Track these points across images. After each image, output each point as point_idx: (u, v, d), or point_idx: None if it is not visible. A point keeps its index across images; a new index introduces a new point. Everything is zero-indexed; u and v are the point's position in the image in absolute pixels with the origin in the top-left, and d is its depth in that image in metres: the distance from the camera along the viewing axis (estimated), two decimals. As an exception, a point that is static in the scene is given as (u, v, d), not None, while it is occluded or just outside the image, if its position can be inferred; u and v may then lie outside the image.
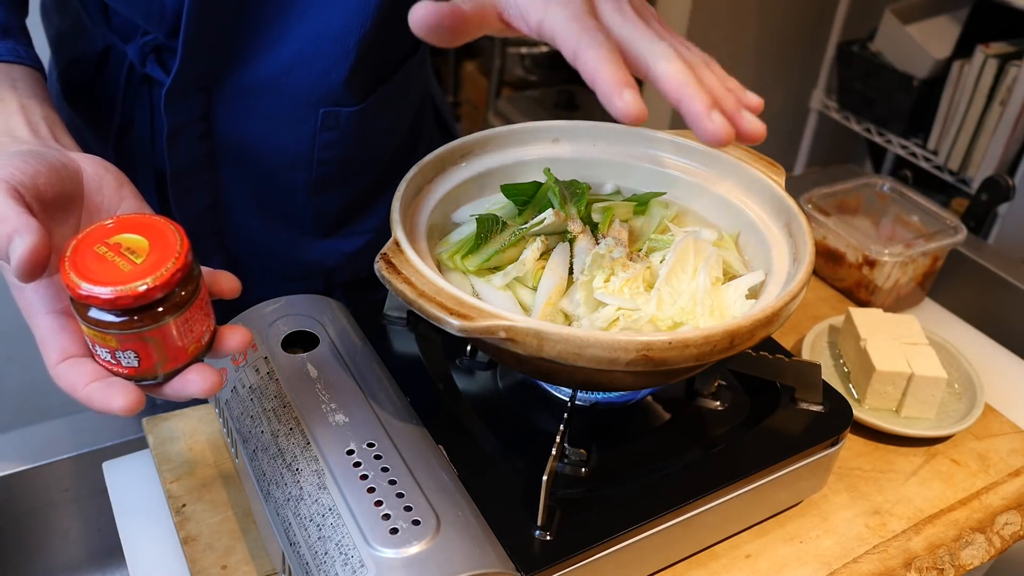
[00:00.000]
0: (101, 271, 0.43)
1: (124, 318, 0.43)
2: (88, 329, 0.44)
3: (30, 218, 0.44)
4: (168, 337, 0.45)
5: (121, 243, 0.44)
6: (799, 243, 0.59)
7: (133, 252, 0.44)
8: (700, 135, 0.44)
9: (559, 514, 0.54)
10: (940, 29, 1.94)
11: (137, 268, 0.43)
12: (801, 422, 0.64)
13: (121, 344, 0.44)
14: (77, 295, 0.42)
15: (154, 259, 0.43)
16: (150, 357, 0.45)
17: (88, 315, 0.43)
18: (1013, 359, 0.89)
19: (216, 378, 0.46)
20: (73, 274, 0.42)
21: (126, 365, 0.45)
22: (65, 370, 0.45)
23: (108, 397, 0.44)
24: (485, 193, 0.66)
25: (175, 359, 0.46)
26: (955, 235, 0.92)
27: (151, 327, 0.44)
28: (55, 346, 0.46)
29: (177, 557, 0.62)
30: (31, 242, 0.43)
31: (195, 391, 0.46)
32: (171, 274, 0.43)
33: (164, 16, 0.68)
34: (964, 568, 0.65)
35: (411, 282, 0.51)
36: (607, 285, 0.57)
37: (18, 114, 0.54)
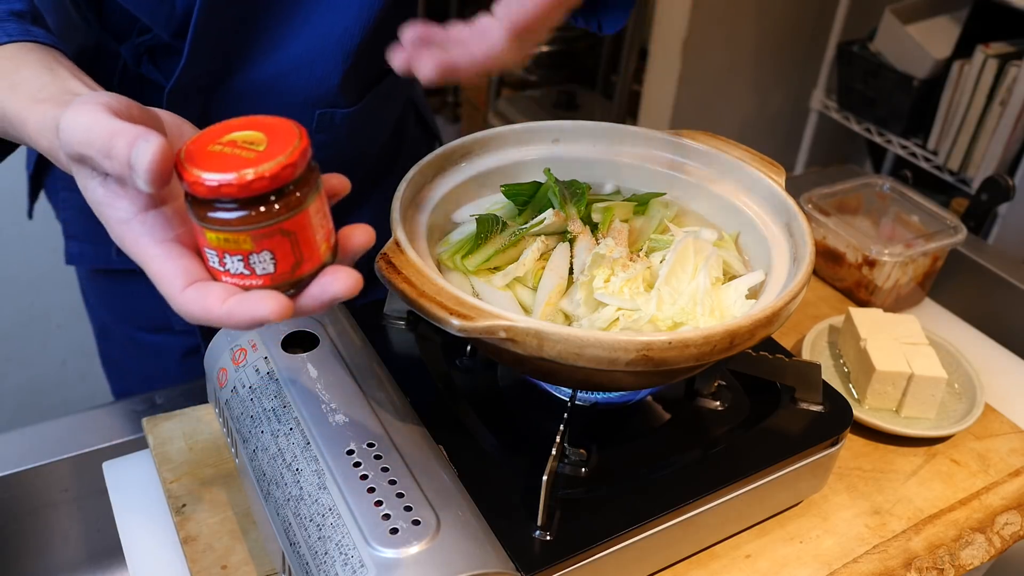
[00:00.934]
0: (225, 163, 0.39)
1: (256, 209, 0.39)
2: (216, 234, 0.40)
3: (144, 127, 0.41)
4: (305, 229, 0.41)
5: (236, 139, 0.41)
6: (799, 243, 0.59)
7: (252, 143, 0.40)
8: None
9: (559, 514, 0.54)
10: (940, 29, 1.94)
11: (261, 154, 0.39)
12: (801, 422, 0.64)
13: (256, 244, 0.40)
14: (202, 189, 0.38)
15: (275, 147, 0.40)
16: (286, 258, 0.41)
17: (215, 216, 0.39)
18: (1013, 359, 0.89)
19: (356, 276, 0.43)
20: (195, 169, 0.39)
21: (261, 272, 0.41)
22: (194, 295, 0.42)
23: (253, 306, 0.40)
24: (485, 193, 0.66)
25: (310, 259, 0.42)
26: (955, 235, 0.92)
27: (288, 216, 0.40)
28: (177, 272, 0.42)
29: (177, 557, 0.62)
30: (157, 143, 0.40)
31: (337, 290, 0.42)
32: (299, 154, 0.39)
33: (173, 16, 0.68)
34: (964, 568, 0.65)
35: (411, 282, 0.51)
36: (607, 285, 0.57)
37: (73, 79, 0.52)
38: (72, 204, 0.85)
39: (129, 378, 0.98)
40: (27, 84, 0.49)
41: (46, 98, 0.48)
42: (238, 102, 0.73)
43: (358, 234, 0.45)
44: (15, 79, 0.50)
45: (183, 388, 0.78)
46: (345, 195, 0.47)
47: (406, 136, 0.91)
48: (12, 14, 0.55)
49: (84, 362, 1.77)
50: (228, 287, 0.42)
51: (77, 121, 0.42)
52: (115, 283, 0.89)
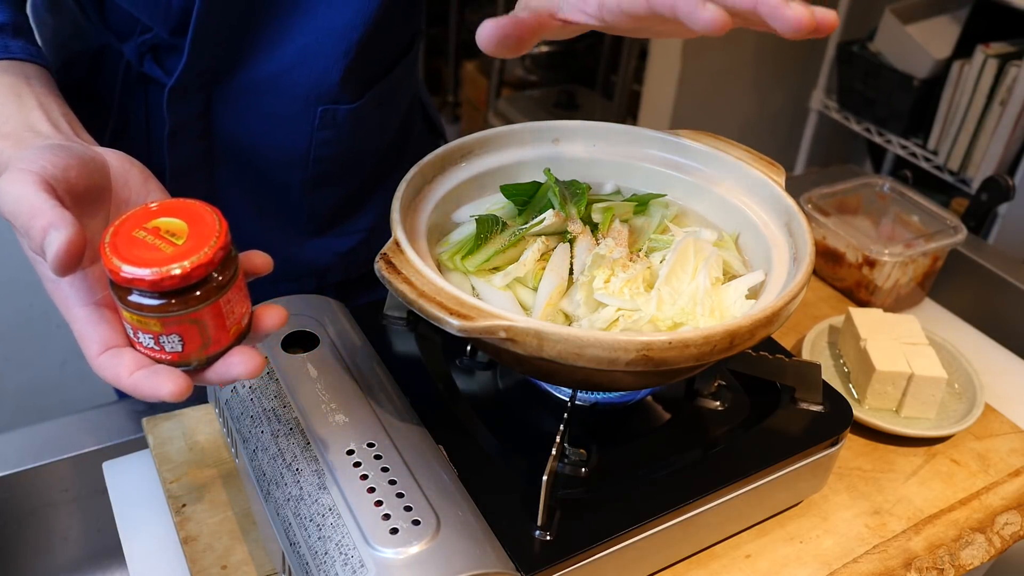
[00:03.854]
0: (142, 254, 0.42)
1: (168, 300, 0.42)
2: (130, 315, 0.43)
3: (64, 211, 0.43)
4: (212, 319, 0.44)
5: (160, 227, 0.43)
6: (799, 243, 0.59)
7: (173, 235, 0.43)
8: (781, 25, 0.43)
9: (559, 514, 0.54)
10: (940, 29, 1.94)
11: (179, 249, 0.42)
12: (801, 422, 0.64)
13: (165, 328, 0.43)
14: (120, 279, 0.41)
15: (195, 240, 0.42)
16: (194, 340, 0.44)
17: (130, 300, 0.42)
18: (1013, 359, 0.89)
19: (259, 359, 0.45)
20: (115, 258, 0.41)
21: (170, 350, 0.44)
22: (107, 360, 0.45)
23: (155, 384, 0.43)
24: (485, 193, 0.66)
25: (218, 342, 0.45)
26: (955, 235, 0.92)
27: (195, 308, 0.43)
28: (95, 337, 0.45)
29: (177, 557, 0.62)
30: (66, 235, 0.42)
31: (239, 373, 0.45)
32: (213, 253, 0.42)
33: (170, 13, 0.68)
34: (964, 568, 0.65)
35: (411, 282, 0.51)
36: (607, 285, 0.57)
37: (38, 110, 0.53)
38: None
39: None
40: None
41: (6, 133, 0.50)
42: (240, 98, 0.73)
43: (270, 316, 0.48)
44: None
45: (183, 388, 0.78)
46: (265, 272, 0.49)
47: (412, 134, 0.91)
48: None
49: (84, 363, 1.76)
50: (140, 357, 0.45)
51: (8, 191, 0.44)
52: None
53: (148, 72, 0.73)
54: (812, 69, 2.29)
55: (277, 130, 0.76)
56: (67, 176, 0.46)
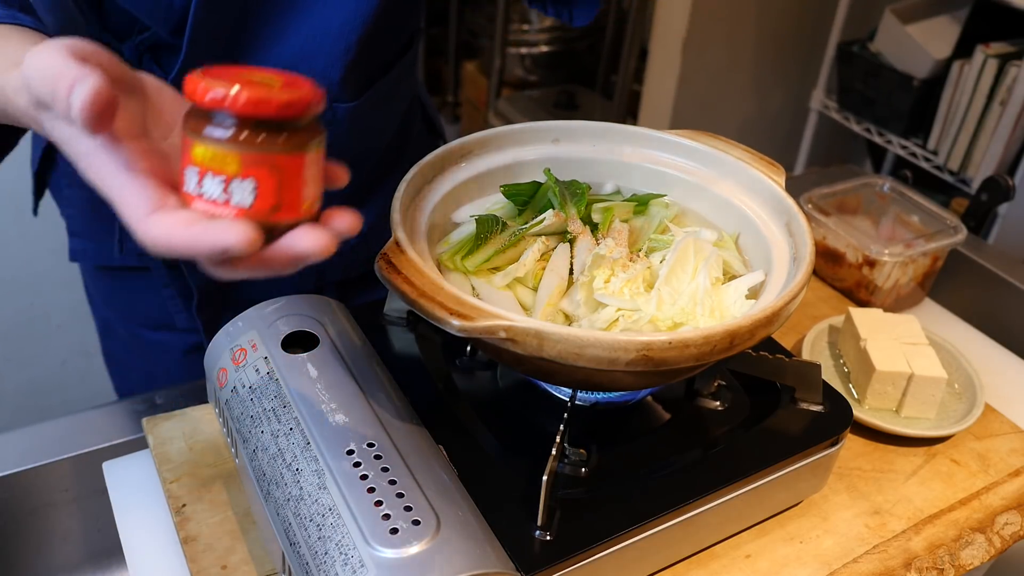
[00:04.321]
0: (237, 83, 0.38)
1: (258, 133, 0.38)
2: (205, 149, 0.39)
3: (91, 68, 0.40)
4: (295, 173, 0.39)
5: (252, 77, 0.39)
6: (799, 243, 0.59)
7: (268, 83, 0.39)
8: None
9: (559, 514, 0.54)
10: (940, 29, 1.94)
11: (275, 89, 0.38)
12: (801, 422, 0.64)
13: (243, 168, 0.38)
14: (209, 98, 0.37)
15: (289, 88, 0.39)
16: (267, 195, 0.39)
17: (211, 132, 0.38)
18: (1013, 359, 0.89)
19: (328, 240, 0.40)
20: (207, 79, 0.38)
21: (237, 202, 0.39)
22: (159, 219, 0.39)
23: (220, 233, 0.38)
24: (485, 193, 0.66)
25: (289, 208, 0.40)
26: (955, 235, 0.92)
27: (282, 151, 0.39)
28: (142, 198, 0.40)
29: (177, 557, 0.62)
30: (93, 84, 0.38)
31: (306, 248, 0.40)
32: (313, 97, 0.39)
33: (170, 13, 0.68)
34: (964, 568, 0.65)
35: (411, 282, 0.51)
36: (607, 286, 0.57)
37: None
38: (76, 201, 0.85)
39: (131, 375, 0.98)
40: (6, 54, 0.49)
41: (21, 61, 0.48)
42: None
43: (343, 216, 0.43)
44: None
45: (183, 388, 0.78)
46: (341, 186, 0.46)
47: (411, 134, 0.91)
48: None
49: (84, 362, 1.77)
50: (194, 215, 0.39)
51: (34, 63, 0.42)
52: (117, 280, 0.89)
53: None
54: (812, 69, 2.29)
55: None
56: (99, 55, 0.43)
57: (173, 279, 0.85)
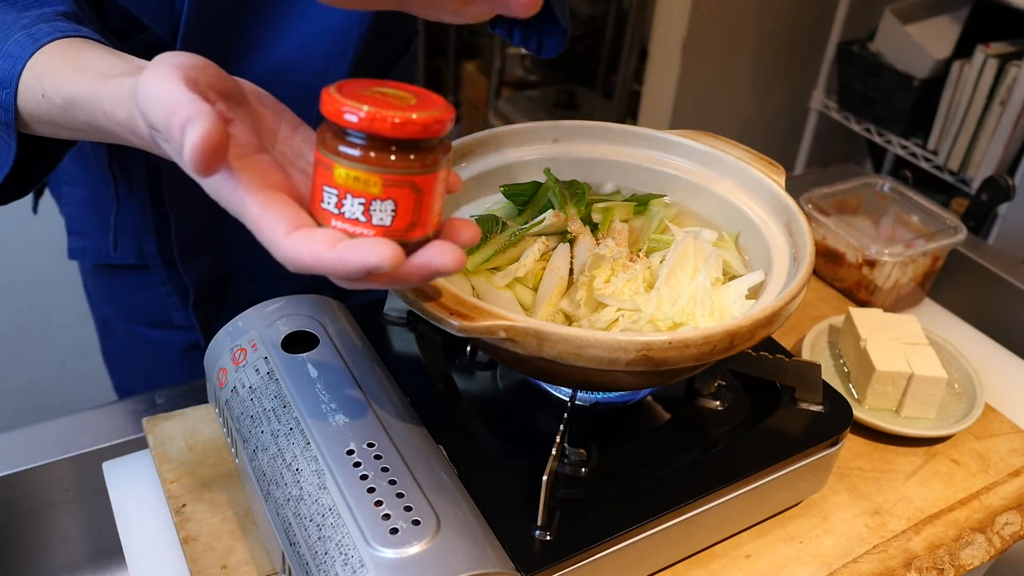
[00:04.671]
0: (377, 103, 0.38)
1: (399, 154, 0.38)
2: (348, 171, 0.39)
3: (204, 104, 0.39)
4: (431, 191, 0.40)
5: (386, 93, 0.40)
6: (799, 243, 0.59)
7: (402, 98, 0.39)
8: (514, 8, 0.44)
9: (559, 514, 0.54)
10: (940, 29, 1.94)
11: (412, 107, 0.38)
12: (801, 422, 0.64)
13: (384, 190, 0.39)
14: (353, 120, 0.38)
15: (425, 105, 0.39)
16: (406, 214, 0.40)
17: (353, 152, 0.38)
18: (1013, 359, 0.89)
19: (460, 252, 0.41)
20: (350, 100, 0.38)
21: (376, 222, 0.39)
22: (301, 238, 0.39)
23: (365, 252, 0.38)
24: (485, 193, 0.66)
25: (424, 224, 0.41)
26: (955, 235, 0.92)
27: (422, 172, 0.39)
28: (279, 218, 0.40)
29: (177, 557, 0.62)
30: (203, 129, 0.38)
31: (441, 264, 0.41)
32: (448, 116, 0.39)
33: (173, 17, 0.68)
34: (964, 568, 0.65)
35: (411, 282, 0.51)
36: (607, 286, 0.57)
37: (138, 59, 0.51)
38: (75, 199, 0.85)
39: (130, 372, 0.98)
40: (94, 65, 0.49)
41: (118, 74, 0.47)
42: None
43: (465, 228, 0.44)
44: (81, 63, 0.49)
45: (183, 388, 0.78)
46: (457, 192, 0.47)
47: None
48: (59, 14, 0.55)
49: (84, 362, 1.77)
50: (336, 233, 0.40)
51: (148, 87, 0.41)
52: (116, 278, 0.89)
53: None
54: (812, 69, 2.29)
55: None
56: (208, 72, 0.43)
57: (170, 277, 0.85)
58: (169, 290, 0.86)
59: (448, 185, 0.45)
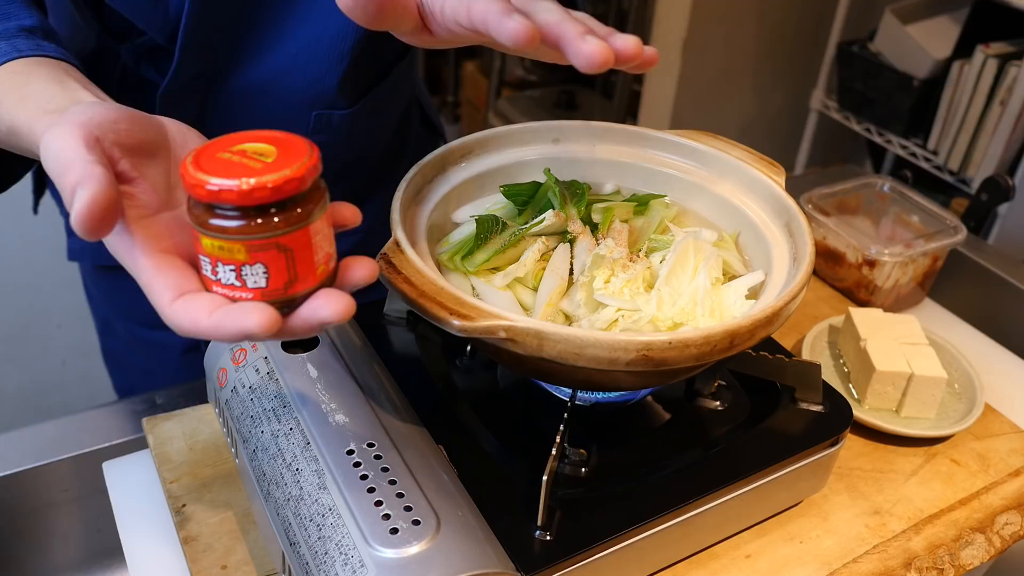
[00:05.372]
0: (230, 170, 0.38)
1: (255, 219, 0.39)
2: (212, 241, 0.39)
3: (96, 167, 0.40)
4: (300, 249, 0.40)
5: (247, 149, 0.40)
6: (799, 243, 0.59)
7: (261, 155, 0.39)
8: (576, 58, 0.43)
9: (559, 514, 0.54)
10: (940, 29, 1.94)
11: (268, 166, 0.38)
12: (801, 422, 0.64)
13: (250, 255, 0.39)
14: (203, 193, 0.38)
15: (285, 159, 0.39)
16: (279, 274, 0.40)
17: (213, 223, 0.39)
18: (1013, 359, 0.89)
19: (348, 303, 0.41)
20: (199, 172, 0.38)
21: (252, 285, 0.40)
22: (182, 306, 0.40)
23: (240, 317, 0.39)
24: (485, 193, 0.66)
25: (303, 280, 0.41)
26: (955, 235, 0.92)
27: (286, 231, 0.39)
28: (167, 283, 0.41)
29: (177, 557, 0.62)
30: (92, 192, 0.38)
31: (326, 317, 0.41)
32: (306, 170, 0.39)
33: (167, 21, 0.68)
34: (964, 568, 0.65)
35: (411, 282, 0.51)
36: (607, 286, 0.57)
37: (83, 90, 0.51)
38: None
39: (130, 373, 0.98)
40: (37, 96, 0.49)
41: (54, 109, 0.48)
42: (233, 104, 0.73)
43: (360, 266, 0.44)
44: (25, 92, 0.49)
45: (183, 388, 0.78)
46: (355, 226, 0.46)
47: (410, 135, 0.91)
48: (22, 30, 0.54)
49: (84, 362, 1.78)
50: (217, 298, 0.41)
51: (49, 145, 0.42)
52: (116, 279, 0.89)
53: (145, 75, 0.73)
54: (812, 69, 2.29)
55: None
56: (116, 127, 0.43)
57: None
58: None
59: (342, 220, 0.45)
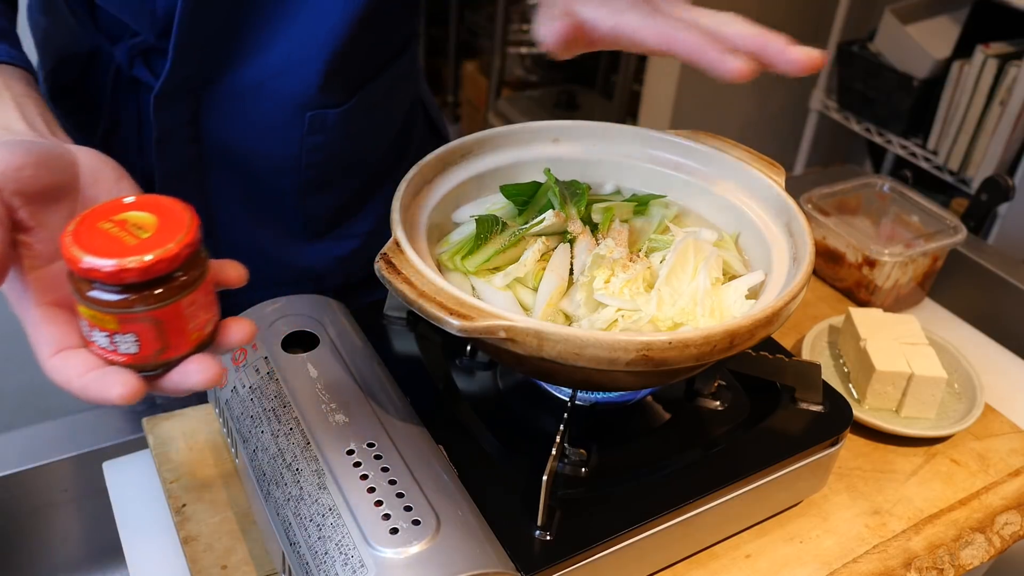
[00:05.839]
0: (105, 245, 0.40)
1: (126, 295, 0.40)
2: (87, 309, 0.41)
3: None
4: (171, 320, 0.42)
5: (128, 219, 0.42)
6: (799, 243, 0.59)
7: (140, 228, 0.41)
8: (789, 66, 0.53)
9: (559, 514, 0.54)
10: (940, 29, 1.94)
11: (143, 243, 0.40)
12: (801, 422, 0.64)
13: (121, 326, 0.41)
14: (78, 269, 0.40)
15: (161, 235, 0.41)
16: (150, 343, 0.42)
17: (88, 294, 0.41)
18: (1013, 359, 0.89)
19: (218, 370, 0.43)
20: (75, 247, 0.40)
21: (124, 351, 0.42)
22: (59, 363, 0.42)
23: (105, 386, 0.41)
24: (485, 193, 0.66)
25: (176, 347, 0.43)
26: (955, 235, 0.92)
27: (154, 307, 0.41)
28: (47, 338, 0.43)
29: (177, 557, 0.62)
30: None
31: (195, 383, 0.43)
32: (178, 249, 0.41)
33: (155, 17, 0.68)
34: (964, 568, 0.65)
35: (411, 282, 0.51)
36: (607, 286, 0.57)
37: (14, 110, 0.52)
38: None
39: None
40: None
41: None
42: (227, 104, 0.73)
43: (237, 330, 0.46)
44: None
45: (183, 388, 0.78)
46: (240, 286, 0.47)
47: (414, 138, 0.91)
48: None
49: (84, 362, 1.77)
50: (91, 359, 0.43)
51: None
52: None
53: (138, 76, 0.73)
54: (812, 69, 2.28)
55: (266, 136, 0.76)
56: (20, 175, 0.44)
57: None
58: None
59: (226, 280, 0.46)
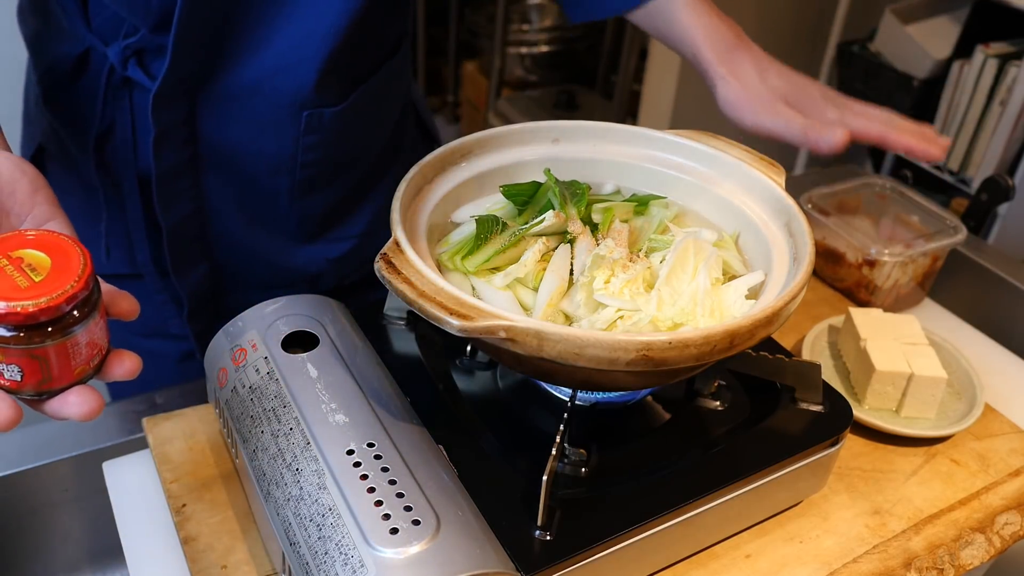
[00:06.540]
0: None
1: (11, 333, 0.43)
2: None
3: None
4: (56, 357, 0.44)
5: (23, 258, 0.44)
6: (799, 243, 0.59)
7: (33, 269, 0.44)
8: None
9: (559, 514, 0.54)
10: (940, 29, 1.94)
11: (34, 286, 0.43)
12: (801, 422, 0.64)
13: (6, 358, 0.44)
14: None
15: (53, 279, 0.43)
16: (35, 374, 0.45)
17: None
18: (1013, 359, 0.89)
19: (96, 404, 0.45)
20: None
21: (8, 378, 0.45)
22: None
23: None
24: (485, 193, 0.66)
25: (59, 379, 0.45)
26: (955, 235, 0.91)
27: (37, 346, 0.44)
28: None
29: (177, 557, 0.62)
30: None
31: (72, 414, 0.45)
32: (66, 297, 0.43)
33: (150, 8, 0.67)
34: (964, 568, 0.65)
35: (411, 282, 0.51)
36: (607, 286, 0.57)
37: None
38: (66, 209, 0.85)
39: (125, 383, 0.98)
40: None
41: None
42: (223, 104, 0.73)
43: (121, 364, 0.47)
44: None
45: (183, 388, 0.78)
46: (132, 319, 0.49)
47: (406, 138, 0.91)
48: None
49: (84, 362, 1.77)
50: None
51: None
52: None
53: (132, 76, 0.73)
54: (812, 69, 2.28)
55: (262, 136, 0.76)
56: None
57: (165, 286, 0.84)
58: (165, 298, 0.85)
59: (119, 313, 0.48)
